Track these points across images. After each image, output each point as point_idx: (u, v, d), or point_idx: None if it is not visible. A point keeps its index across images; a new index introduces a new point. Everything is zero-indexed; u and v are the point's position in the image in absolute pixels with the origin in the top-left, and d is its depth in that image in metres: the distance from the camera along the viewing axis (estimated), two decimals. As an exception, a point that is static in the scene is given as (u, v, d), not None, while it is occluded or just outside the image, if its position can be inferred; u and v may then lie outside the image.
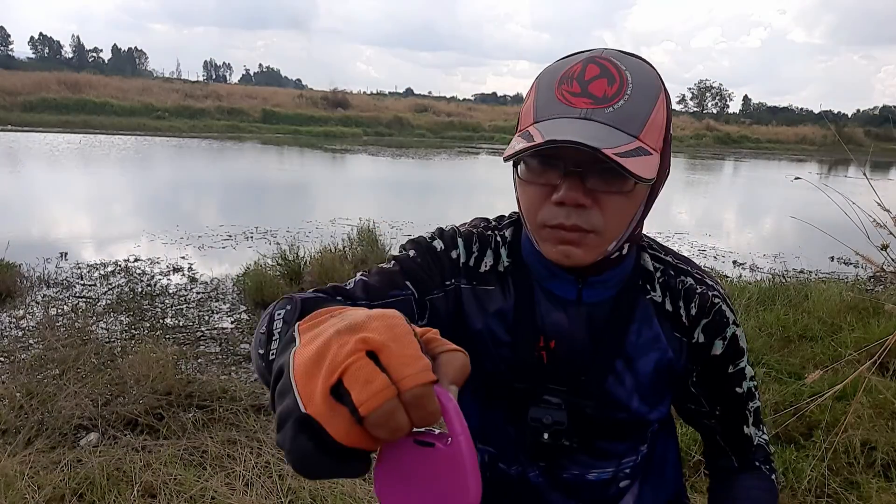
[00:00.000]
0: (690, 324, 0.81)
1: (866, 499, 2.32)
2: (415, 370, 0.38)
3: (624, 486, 0.86)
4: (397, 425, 0.38)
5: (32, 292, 4.59)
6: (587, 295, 0.79)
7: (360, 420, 0.37)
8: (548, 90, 0.71)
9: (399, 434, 0.39)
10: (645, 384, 0.81)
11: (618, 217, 0.71)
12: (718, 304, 0.81)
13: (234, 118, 25.48)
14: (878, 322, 3.92)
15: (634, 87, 0.68)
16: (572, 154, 0.66)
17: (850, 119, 68.80)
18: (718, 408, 0.85)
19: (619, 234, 0.73)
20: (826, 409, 2.78)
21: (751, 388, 0.85)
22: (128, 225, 7.61)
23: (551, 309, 0.80)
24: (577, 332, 0.80)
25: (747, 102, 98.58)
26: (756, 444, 0.86)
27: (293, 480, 2.27)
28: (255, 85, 70.59)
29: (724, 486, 0.87)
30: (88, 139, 17.64)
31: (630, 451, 0.85)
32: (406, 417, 0.38)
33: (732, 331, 0.82)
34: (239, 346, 3.75)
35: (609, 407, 0.80)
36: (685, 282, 0.82)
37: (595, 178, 0.68)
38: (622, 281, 0.80)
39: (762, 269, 6.55)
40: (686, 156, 26.26)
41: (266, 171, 13.47)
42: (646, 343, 0.80)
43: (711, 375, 0.83)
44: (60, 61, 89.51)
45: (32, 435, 2.52)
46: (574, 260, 0.72)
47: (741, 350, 0.83)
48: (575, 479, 0.84)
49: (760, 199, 13.92)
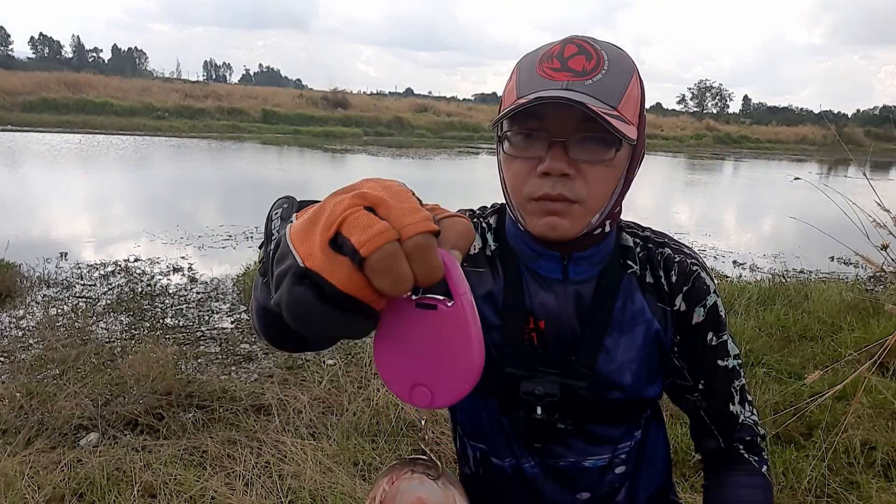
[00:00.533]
0: (671, 291, 0.83)
1: (866, 499, 2.32)
2: (415, 220, 0.37)
3: (620, 473, 0.85)
4: (399, 274, 0.36)
5: (32, 292, 4.59)
6: (573, 273, 0.81)
7: (361, 264, 0.36)
8: (529, 69, 0.74)
9: (401, 287, 0.37)
10: (635, 359, 0.81)
11: (600, 187, 0.74)
12: (697, 271, 0.83)
13: (234, 118, 25.47)
14: (878, 322, 3.92)
15: (610, 64, 0.72)
16: (556, 126, 0.71)
17: (850, 119, 68.76)
18: (702, 381, 0.85)
19: (601, 206, 0.76)
20: (826, 409, 2.78)
21: (735, 365, 0.85)
22: (128, 225, 7.60)
23: (538, 289, 0.81)
24: (565, 312, 0.81)
25: (747, 102, 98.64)
26: (741, 421, 0.85)
27: (293, 480, 2.27)
28: (255, 85, 70.61)
29: (716, 488, 0.87)
30: (88, 139, 17.64)
31: (625, 436, 0.85)
32: (408, 267, 0.37)
33: (713, 300, 0.84)
34: (239, 346, 3.75)
35: (602, 387, 0.81)
36: (663, 252, 0.84)
37: (577, 148, 0.72)
38: (605, 259, 0.82)
39: (762, 269, 6.54)
40: (686, 156, 26.26)
41: (266, 171, 13.47)
42: (632, 317, 0.82)
43: (693, 345, 0.84)
44: (60, 61, 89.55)
45: (32, 435, 2.52)
46: (560, 231, 0.74)
47: (722, 321, 0.85)
48: (571, 467, 0.84)
49: (760, 200, 13.91)
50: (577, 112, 0.69)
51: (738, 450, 0.86)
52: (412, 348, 0.43)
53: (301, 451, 2.43)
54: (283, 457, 2.42)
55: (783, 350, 3.73)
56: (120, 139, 18.30)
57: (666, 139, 33.42)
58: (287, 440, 2.52)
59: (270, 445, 2.49)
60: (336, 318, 0.37)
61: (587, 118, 0.69)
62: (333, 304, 0.37)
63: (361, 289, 0.37)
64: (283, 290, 0.38)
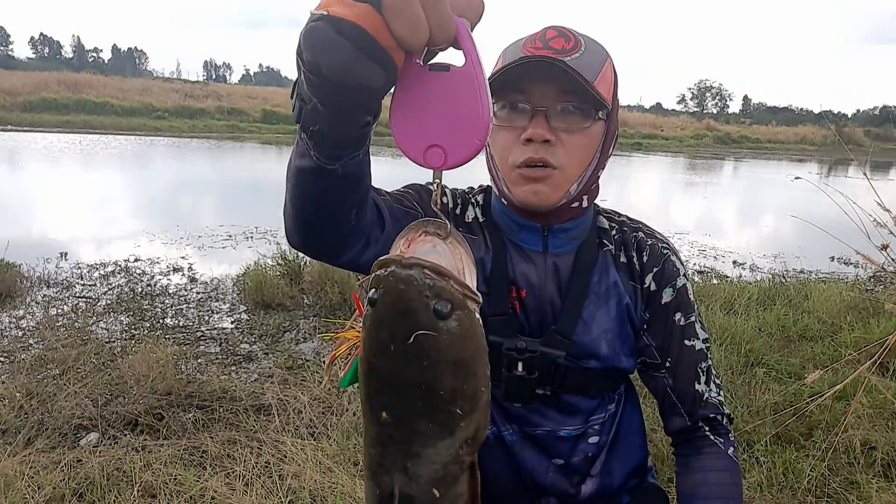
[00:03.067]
0: (642, 271, 0.89)
1: (866, 499, 2.32)
2: None
3: (594, 443, 0.90)
4: (415, 17, 0.40)
5: (32, 292, 4.59)
6: (552, 245, 0.87)
7: (379, 5, 0.39)
8: (514, 51, 0.81)
9: (418, 35, 0.41)
10: (610, 330, 0.87)
11: (578, 155, 0.81)
12: (668, 254, 0.90)
13: (234, 118, 25.46)
14: (878, 322, 3.92)
15: (587, 47, 0.80)
16: (538, 98, 0.79)
17: (850, 119, 68.76)
18: (669, 359, 0.90)
19: (579, 174, 0.82)
20: (826, 409, 2.79)
21: (703, 348, 0.90)
22: (128, 225, 7.60)
23: (520, 261, 0.87)
24: (545, 282, 0.87)
25: (747, 102, 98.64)
26: (706, 399, 0.90)
27: (293, 480, 2.27)
28: (255, 85, 70.57)
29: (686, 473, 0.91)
30: (88, 139, 17.64)
31: (598, 407, 0.90)
32: (423, 13, 0.40)
33: (683, 282, 0.90)
34: (239, 346, 3.75)
35: (579, 356, 0.86)
36: (637, 236, 0.92)
37: (558, 118, 0.79)
38: (582, 234, 0.89)
39: (762, 269, 6.54)
40: (686, 156, 26.25)
41: (266, 171, 13.46)
42: (606, 290, 0.88)
43: (662, 323, 0.89)
44: (60, 61, 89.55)
45: (32, 435, 2.52)
46: (541, 197, 0.81)
47: (691, 304, 0.90)
48: (547, 435, 0.88)
49: (760, 200, 13.91)
50: (556, 85, 0.77)
51: (704, 431, 0.90)
52: (426, 111, 0.48)
53: (301, 451, 2.43)
54: (283, 457, 2.42)
55: (783, 350, 3.73)
56: (120, 139, 18.30)
57: (666, 139, 33.41)
58: (287, 440, 2.52)
59: (270, 445, 2.49)
60: (355, 57, 0.41)
61: (566, 90, 0.78)
62: (353, 42, 0.40)
63: (379, 28, 0.40)
64: (304, 31, 0.41)
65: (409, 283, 0.46)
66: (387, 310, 0.48)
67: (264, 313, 4.35)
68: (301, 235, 0.67)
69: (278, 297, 4.47)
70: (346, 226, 0.67)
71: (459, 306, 0.48)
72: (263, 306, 4.44)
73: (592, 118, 0.80)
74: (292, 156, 0.61)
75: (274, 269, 4.89)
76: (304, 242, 0.68)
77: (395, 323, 0.48)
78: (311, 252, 0.71)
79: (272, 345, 3.80)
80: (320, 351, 3.70)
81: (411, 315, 0.47)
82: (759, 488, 2.38)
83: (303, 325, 4.14)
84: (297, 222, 0.66)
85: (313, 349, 3.73)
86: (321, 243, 0.69)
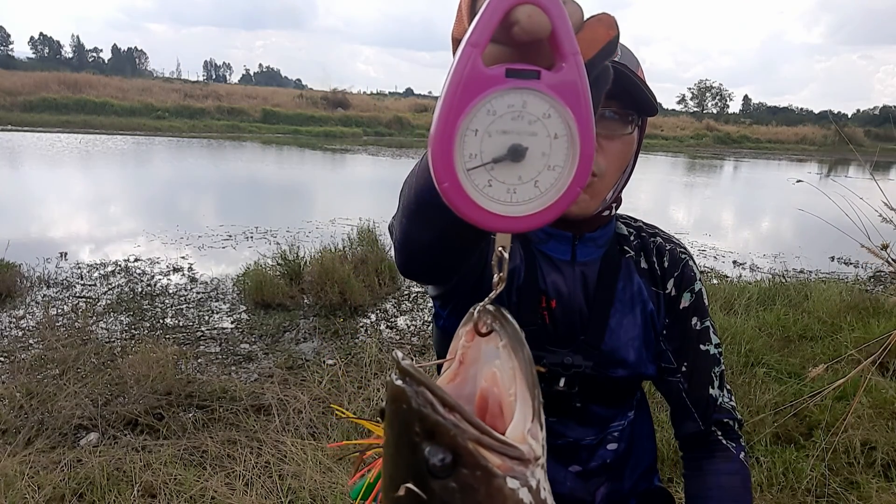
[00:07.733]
0: (664, 276, 0.90)
1: (866, 499, 2.32)
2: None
3: (612, 450, 0.90)
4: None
5: (32, 292, 4.59)
6: (580, 254, 0.86)
7: None
8: None
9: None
10: (637, 337, 0.87)
11: (616, 162, 0.79)
12: (686, 259, 0.91)
13: (234, 118, 25.46)
14: (878, 322, 3.92)
15: (622, 52, 0.79)
16: None
17: (850, 119, 68.74)
18: (685, 364, 0.90)
19: (615, 181, 0.81)
20: (826, 409, 2.79)
21: (716, 353, 0.91)
22: (128, 225, 7.60)
23: (550, 270, 0.86)
24: (573, 292, 0.86)
25: (747, 102, 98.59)
26: (720, 404, 0.90)
27: (293, 480, 2.27)
28: (254, 85, 70.59)
29: (696, 475, 0.91)
30: (88, 139, 17.63)
31: (619, 415, 0.90)
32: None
33: (699, 287, 0.91)
34: (239, 346, 3.75)
35: (607, 365, 0.85)
36: (655, 241, 0.92)
37: (598, 124, 0.76)
38: (608, 242, 0.88)
39: (762, 269, 6.54)
40: (686, 156, 26.25)
41: (266, 171, 13.46)
42: (631, 297, 0.88)
43: (680, 328, 0.89)
44: (60, 61, 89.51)
45: (32, 435, 2.52)
46: (581, 206, 0.79)
47: (705, 308, 0.91)
48: (569, 445, 0.88)
49: (760, 200, 13.91)
50: None
51: (717, 435, 0.90)
52: None
53: (301, 451, 2.43)
54: (283, 457, 2.42)
55: (783, 350, 3.73)
56: (120, 139, 18.29)
57: (666, 139, 33.39)
58: (287, 440, 2.51)
59: (270, 445, 2.49)
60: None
61: (608, 95, 0.71)
62: None
63: None
64: None
65: (409, 422, 0.37)
66: (388, 441, 0.40)
67: (264, 313, 4.35)
68: (413, 248, 0.63)
69: (278, 297, 4.48)
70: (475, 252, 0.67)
71: (469, 464, 0.35)
72: (263, 306, 4.44)
73: (632, 124, 0.79)
74: (421, 188, 0.55)
75: (274, 268, 4.89)
76: (428, 275, 0.69)
77: (393, 462, 0.40)
78: (426, 281, 0.73)
79: (272, 345, 3.80)
80: (320, 351, 3.70)
81: (405, 458, 0.38)
82: (759, 488, 2.38)
83: (303, 325, 4.14)
84: (423, 256, 0.62)
85: (313, 349, 3.73)
86: (450, 272, 0.68)
